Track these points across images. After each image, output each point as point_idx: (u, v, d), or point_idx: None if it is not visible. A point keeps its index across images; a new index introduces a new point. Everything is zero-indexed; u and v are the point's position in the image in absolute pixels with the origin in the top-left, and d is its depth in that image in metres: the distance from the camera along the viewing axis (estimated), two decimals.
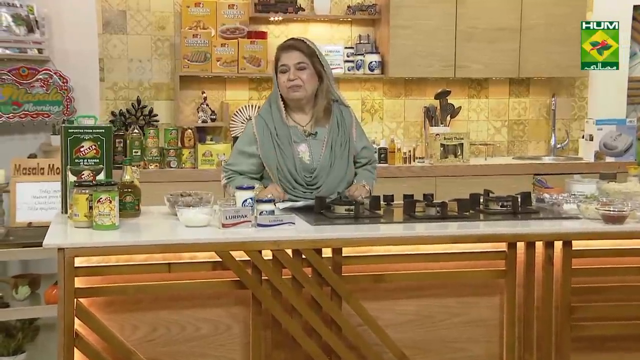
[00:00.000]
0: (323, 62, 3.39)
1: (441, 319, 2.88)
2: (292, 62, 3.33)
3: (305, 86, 3.34)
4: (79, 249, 2.48)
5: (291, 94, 3.35)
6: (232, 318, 2.70)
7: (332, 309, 2.70)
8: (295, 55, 3.34)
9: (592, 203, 3.06)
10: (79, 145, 2.98)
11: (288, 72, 3.33)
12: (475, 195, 3.22)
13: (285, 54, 3.36)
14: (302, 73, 3.33)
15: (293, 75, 3.32)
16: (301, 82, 3.33)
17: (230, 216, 2.74)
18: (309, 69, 3.34)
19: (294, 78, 3.32)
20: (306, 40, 3.40)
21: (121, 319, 2.59)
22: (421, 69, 5.40)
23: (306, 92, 3.35)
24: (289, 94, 3.35)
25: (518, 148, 5.94)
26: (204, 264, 2.62)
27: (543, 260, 2.86)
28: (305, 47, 3.36)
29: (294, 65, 3.32)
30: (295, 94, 3.34)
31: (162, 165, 4.96)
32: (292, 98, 3.36)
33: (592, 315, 2.91)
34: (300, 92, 3.34)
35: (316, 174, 3.35)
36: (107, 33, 5.24)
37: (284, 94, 3.37)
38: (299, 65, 3.33)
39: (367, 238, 2.74)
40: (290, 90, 3.34)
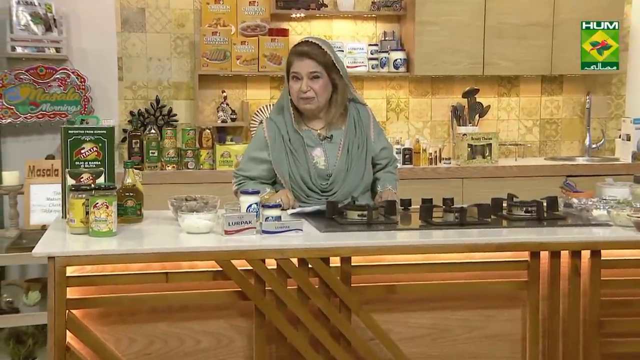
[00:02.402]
0: (339, 67, 3.19)
1: (459, 333, 2.70)
2: (305, 71, 3.13)
3: (318, 97, 3.15)
4: (71, 258, 2.35)
5: (303, 105, 3.18)
6: (234, 331, 2.55)
7: (341, 322, 2.54)
8: (309, 64, 3.13)
9: (625, 209, 2.85)
10: (79, 147, 2.85)
11: (300, 82, 3.14)
12: (497, 200, 3.03)
13: (298, 62, 3.15)
14: (315, 83, 3.14)
15: (306, 86, 3.13)
16: (314, 93, 3.14)
17: (233, 222, 2.59)
18: (322, 79, 3.15)
19: (306, 89, 3.13)
20: (321, 45, 3.17)
21: (116, 332, 2.46)
22: (448, 66, 5.20)
23: (319, 103, 3.18)
24: (301, 104, 3.18)
25: (550, 148, 5.71)
26: (204, 274, 2.47)
27: (569, 270, 2.67)
28: (320, 55, 3.14)
29: (307, 75, 3.13)
30: (307, 105, 3.17)
31: (180, 166, 4.83)
32: (304, 109, 3.20)
33: (623, 331, 2.71)
34: (313, 103, 3.17)
35: (332, 180, 3.19)
36: (125, 31, 5.14)
37: (296, 102, 3.20)
38: (313, 75, 3.13)
39: (377, 246, 2.57)
40: (302, 101, 3.17)
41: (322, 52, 3.14)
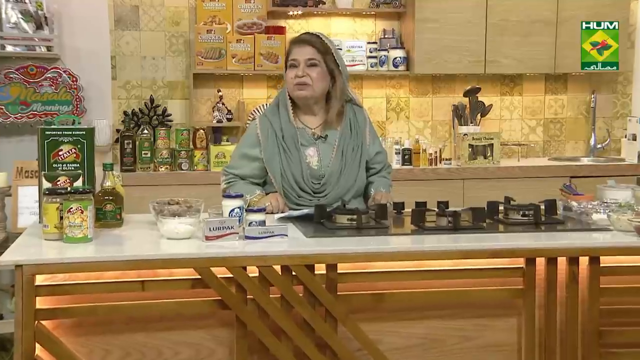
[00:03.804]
0: (338, 61, 3.11)
1: (451, 343, 2.58)
2: (303, 57, 3.06)
3: (313, 85, 3.06)
4: (40, 266, 2.24)
5: (297, 92, 3.08)
6: (214, 341, 2.43)
7: (326, 332, 2.42)
8: (308, 50, 3.07)
9: (626, 213, 2.73)
10: (57, 148, 2.74)
11: (297, 68, 3.06)
12: (493, 204, 2.91)
13: (297, 48, 3.10)
14: (311, 70, 3.06)
15: (302, 71, 3.05)
16: (309, 80, 3.05)
17: (214, 227, 2.48)
18: (320, 67, 3.07)
19: (302, 75, 3.05)
20: (322, 36, 3.13)
21: (90, 343, 2.34)
22: (449, 65, 5.07)
23: (313, 92, 3.08)
24: (295, 91, 3.08)
25: (555, 148, 5.57)
26: (182, 282, 2.36)
27: (567, 277, 2.54)
28: (319, 43, 3.09)
29: (304, 61, 3.06)
30: (301, 92, 3.07)
31: (173, 167, 4.72)
32: (298, 96, 3.09)
33: (623, 341, 2.59)
34: (307, 90, 3.07)
35: (324, 181, 3.08)
36: (119, 29, 5.03)
37: (290, 91, 3.10)
38: (310, 62, 3.06)
39: (364, 253, 2.45)
40: (296, 87, 3.07)
41: (321, 42, 3.09)
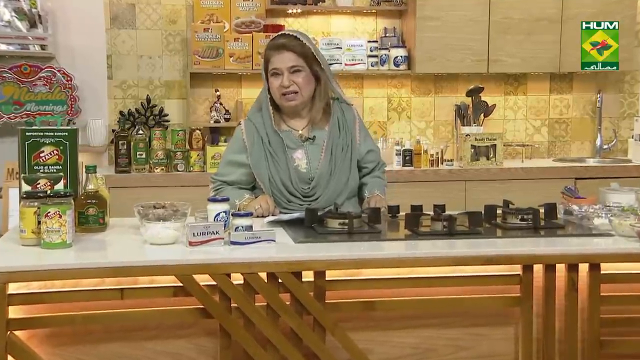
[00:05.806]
0: (320, 60, 2.99)
1: (445, 353, 2.47)
2: (285, 65, 2.93)
3: (301, 92, 2.95)
4: (13, 274, 2.15)
5: (286, 102, 2.97)
6: (197, 351, 2.34)
7: (314, 342, 2.32)
8: (289, 57, 2.93)
9: (628, 217, 2.62)
10: (38, 150, 2.65)
11: (281, 77, 2.94)
12: (491, 207, 2.80)
13: (277, 56, 2.95)
14: (297, 77, 2.94)
15: (287, 81, 2.93)
16: (297, 87, 2.94)
17: (198, 233, 2.39)
18: (304, 72, 2.95)
19: (288, 84, 2.93)
20: (299, 37, 2.98)
21: (66, 354, 2.25)
22: (451, 64, 4.97)
23: (303, 98, 2.98)
24: (284, 102, 2.97)
25: (560, 149, 5.46)
26: (163, 289, 2.26)
27: (566, 285, 2.43)
28: (299, 47, 2.94)
29: (287, 70, 2.93)
30: (291, 102, 2.97)
31: (169, 168, 4.63)
32: (289, 106, 2.99)
33: (624, 352, 2.48)
34: (297, 99, 2.96)
35: (314, 184, 2.98)
36: (115, 28, 4.95)
37: (277, 101, 2.99)
38: (294, 69, 2.93)
39: (354, 259, 2.34)
40: (284, 98, 2.96)
41: (300, 44, 2.95)
